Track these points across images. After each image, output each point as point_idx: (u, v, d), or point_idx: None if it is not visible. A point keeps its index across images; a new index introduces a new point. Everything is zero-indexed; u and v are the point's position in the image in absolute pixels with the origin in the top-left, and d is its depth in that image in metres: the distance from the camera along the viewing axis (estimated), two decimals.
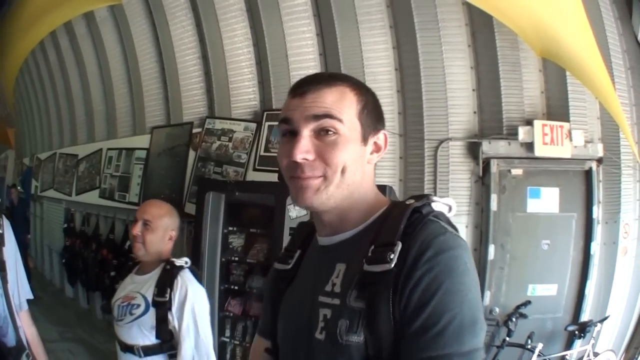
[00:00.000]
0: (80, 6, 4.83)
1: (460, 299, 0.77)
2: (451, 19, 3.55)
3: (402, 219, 0.84)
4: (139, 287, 2.01)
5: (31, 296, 2.07)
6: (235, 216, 3.79)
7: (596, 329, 3.52)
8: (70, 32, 6.11)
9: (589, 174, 3.61)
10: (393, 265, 0.80)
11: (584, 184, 3.63)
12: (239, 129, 4.18)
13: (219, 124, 4.31)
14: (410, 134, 3.64)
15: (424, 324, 0.77)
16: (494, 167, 3.50)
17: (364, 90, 0.95)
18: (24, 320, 1.99)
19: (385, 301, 0.80)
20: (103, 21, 5.52)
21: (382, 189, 0.99)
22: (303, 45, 3.95)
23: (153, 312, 1.93)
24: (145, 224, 2.02)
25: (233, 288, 3.73)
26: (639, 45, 3.80)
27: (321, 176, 0.88)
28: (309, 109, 0.88)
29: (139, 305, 1.96)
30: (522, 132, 3.43)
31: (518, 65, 3.54)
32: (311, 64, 3.92)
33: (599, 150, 3.63)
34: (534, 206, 3.58)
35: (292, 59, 3.96)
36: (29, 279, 2.12)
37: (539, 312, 3.53)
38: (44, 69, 7.29)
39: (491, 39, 3.51)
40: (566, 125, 3.50)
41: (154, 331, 1.93)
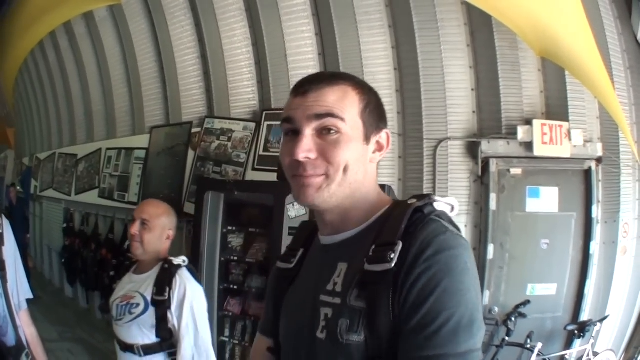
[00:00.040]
0: (79, 6, 4.83)
1: (458, 298, 0.77)
2: (450, 18, 3.55)
3: (404, 218, 0.84)
4: (138, 287, 2.01)
5: (31, 295, 2.07)
6: (234, 216, 3.79)
7: (596, 328, 3.51)
8: (70, 32, 6.11)
9: (588, 173, 3.61)
10: (393, 264, 0.80)
11: (584, 183, 3.63)
12: (238, 128, 4.18)
13: (218, 124, 4.31)
14: (410, 133, 3.63)
15: (420, 322, 0.77)
16: (493, 166, 3.49)
17: (366, 89, 0.95)
18: (23, 319, 2.00)
19: (386, 301, 0.80)
20: (102, 21, 5.52)
21: (381, 188, 0.99)
22: (302, 45, 3.95)
23: (152, 311, 1.94)
24: (143, 223, 2.03)
25: (232, 287, 3.74)
26: (639, 45, 3.79)
27: (323, 174, 0.87)
28: (311, 108, 0.88)
29: (138, 305, 1.96)
30: (522, 132, 3.43)
31: (517, 65, 3.53)
32: (310, 63, 3.92)
33: (598, 150, 3.62)
34: (533, 206, 3.57)
35: (291, 59, 3.96)
36: (29, 278, 2.13)
37: (539, 312, 3.52)
38: (43, 69, 7.29)
39: (490, 39, 3.51)
40: (565, 124, 3.49)
41: (153, 330, 1.94)
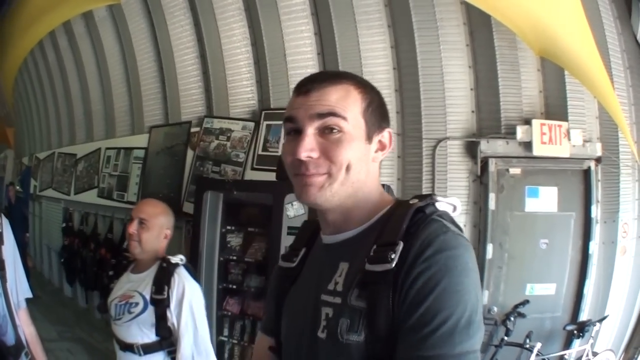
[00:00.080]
0: (79, 6, 4.83)
1: (457, 299, 0.76)
2: (449, 18, 3.55)
3: (405, 218, 0.84)
4: (136, 286, 2.02)
5: (30, 295, 2.07)
6: (233, 215, 3.79)
7: (595, 328, 3.51)
8: (69, 31, 6.10)
9: (587, 173, 3.61)
10: (394, 265, 0.80)
11: (583, 183, 3.63)
12: (237, 128, 4.17)
13: (217, 123, 4.30)
14: (409, 133, 3.63)
15: (417, 321, 0.76)
16: (492, 166, 3.49)
17: (368, 88, 0.94)
18: (23, 319, 2.00)
19: (386, 301, 0.79)
20: (102, 21, 5.52)
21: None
22: (301, 45, 3.95)
23: (152, 310, 1.94)
24: (141, 222, 2.04)
25: (231, 287, 3.74)
26: (638, 45, 3.79)
27: (325, 173, 0.87)
28: (313, 107, 0.88)
29: (137, 304, 1.96)
30: (521, 132, 3.43)
31: (516, 65, 3.54)
32: (309, 63, 3.92)
33: (597, 150, 3.62)
34: (532, 205, 3.57)
35: (290, 59, 3.96)
36: (28, 278, 2.13)
37: (538, 312, 3.52)
38: (42, 69, 7.28)
39: (489, 38, 3.51)
40: (564, 124, 3.50)
41: (153, 329, 1.94)
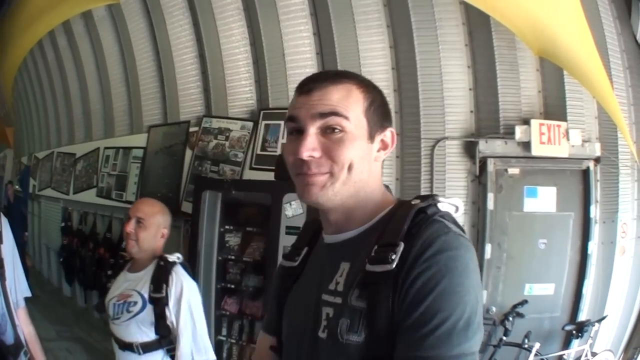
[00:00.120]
0: (78, 5, 4.83)
1: (456, 300, 0.76)
2: (448, 18, 3.55)
3: (406, 219, 0.84)
4: (134, 285, 2.02)
5: (29, 294, 2.07)
6: (231, 215, 3.79)
7: (594, 328, 3.51)
8: (69, 31, 6.10)
9: (586, 173, 3.60)
10: (394, 265, 0.79)
11: (582, 183, 3.62)
12: (235, 127, 4.17)
13: (216, 123, 4.30)
14: (407, 132, 3.63)
15: (416, 321, 0.76)
16: (490, 166, 3.49)
17: (370, 87, 0.94)
18: (21, 318, 1.99)
19: (386, 301, 0.79)
20: (101, 20, 5.52)
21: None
22: (300, 45, 3.95)
23: (150, 309, 1.95)
24: (139, 221, 2.05)
25: (229, 287, 3.73)
26: (638, 45, 3.79)
27: (327, 173, 0.87)
28: (314, 106, 0.88)
29: (135, 303, 1.97)
30: (519, 132, 3.43)
31: (515, 65, 3.53)
32: (308, 63, 3.92)
33: (596, 150, 3.62)
34: (530, 205, 3.57)
35: (289, 58, 3.96)
36: (27, 277, 2.12)
37: (536, 312, 3.52)
38: (42, 68, 7.28)
39: (488, 38, 3.50)
40: (563, 124, 3.49)
41: (152, 327, 1.95)
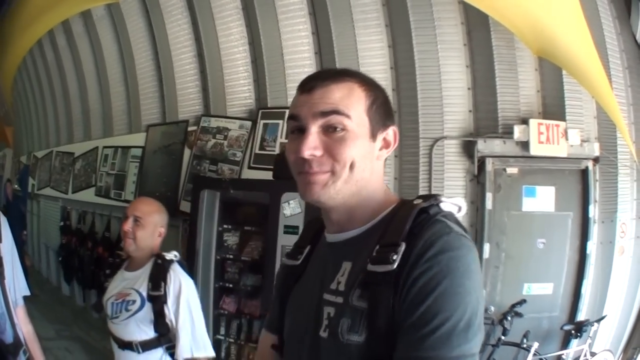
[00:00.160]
0: (77, 5, 4.83)
1: (457, 301, 0.75)
2: (447, 17, 3.55)
3: (408, 219, 0.83)
4: (132, 283, 2.03)
5: (28, 293, 2.07)
6: (230, 214, 3.79)
7: (593, 328, 3.50)
8: (68, 30, 6.10)
9: (585, 173, 3.60)
10: (395, 266, 0.79)
11: (580, 183, 3.62)
12: (234, 127, 4.17)
13: (215, 122, 4.31)
14: (406, 132, 3.62)
15: (416, 321, 0.76)
16: (489, 165, 3.48)
17: (372, 86, 0.93)
18: (20, 317, 1.99)
19: (386, 302, 0.79)
20: (100, 20, 5.52)
21: None
22: (298, 44, 3.95)
23: (149, 307, 1.95)
24: (136, 220, 2.05)
25: (228, 286, 3.73)
26: (637, 45, 3.79)
27: (329, 171, 0.87)
28: (316, 105, 0.87)
29: (134, 301, 1.97)
30: (518, 131, 3.43)
31: (514, 64, 3.53)
32: (306, 62, 3.92)
33: (595, 150, 3.61)
34: (529, 205, 3.57)
35: (288, 58, 3.96)
36: (27, 276, 2.11)
37: (535, 311, 3.52)
38: (41, 67, 7.28)
39: (487, 38, 3.50)
40: (562, 124, 3.49)
41: (151, 325, 1.95)
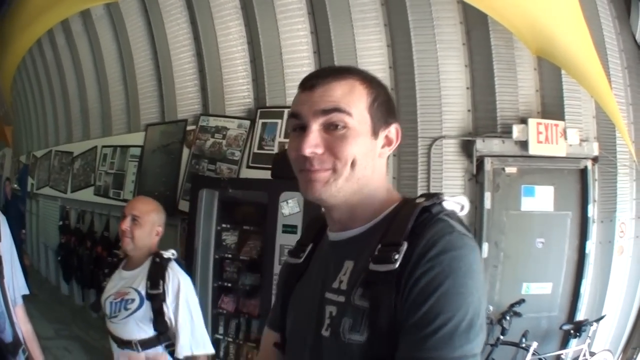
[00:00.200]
0: (77, 4, 4.83)
1: (459, 301, 0.75)
2: (446, 17, 3.54)
3: (410, 218, 0.83)
4: (131, 282, 2.03)
5: (27, 291, 2.07)
6: (228, 213, 3.79)
7: (592, 328, 3.50)
8: (67, 29, 6.10)
9: (584, 172, 3.60)
10: (397, 265, 0.79)
11: (579, 182, 3.62)
12: (232, 126, 4.17)
13: (213, 122, 4.31)
14: (404, 131, 3.54)
15: (418, 322, 0.75)
16: (488, 165, 3.48)
17: (374, 83, 0.93)
18: (19, 316, 1.99)
19: (388, 301, 0.79)
20: (99, 19, 5.52)
21: None
22: (297, 43, 3.94)
23: (148, 305, 1.96)
24: (134, 219, 2.06)
25: (226, 285, 3.73)
26: (637, 44, 3.78)
27: (330, 169, 0.86)
28: (317, 103, 0.87)
29: (133, 300, 1.98)
30: (517, 131, 3.43)
31: (513, 64, 3.52)
32: (305, 61, 3.92)
33: (594, 149, 3.61)
34: (528, 204, 3.56)
35: (287, 57, 3.96)
36: (26, 276, 2.11)
37: (534, 311, 3.52)
38: (40, 67, 7.28)
39: (486, 38, 3.50)
40: (561, 123, 3.49)
41: (151, 324, 1.96)
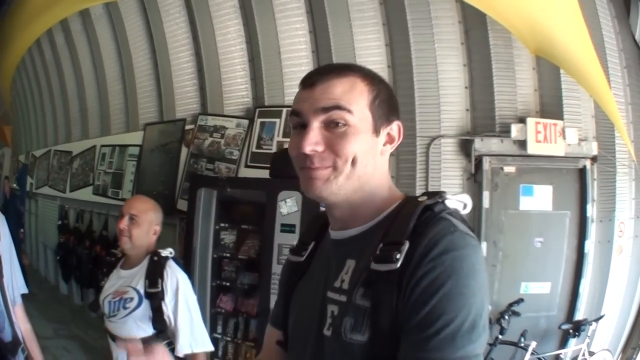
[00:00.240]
0: (76, 4, 4.82)
1: (461, 302, 0.75)
2: (444, 16, 3.54)
3: (412, 217, 0.82)
4: (129, 281, 2.03)
5: (26, 290, 2.07)
6: (227, 212, 3.78)
7: (591, 328, 3.49)
8: (66, 29, 6.10)
9: (582, 172, 3.60)
10: (399, 265, 0.78)
11: (578, 182, 3.62)
12: (231, 125, 4.17)
13: (212, 121, 4.31)
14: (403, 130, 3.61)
15: (420, 322, 0.75)
16: (486, 164, 3.47)
17: (376, 80, 0.92)
18: (18, 315, 1.99)
19: (389, 301, 0.78)
20: (98, 18, 5.52)
21: None
22: (296, 43, 3.95)
23: (147, 304, 1.96)
24: (132, 218, 2.06)
25: (225, 284, 3.72)
26: (636, 44, 3.78)
27: (330, 167, 0.86)
28: (318, 100, 0.87)
29: (132, 299, 1.98)
30: (515, 130, 3.42)
31: (511, 63, 3.52)
32: (304, 61, 3.92)
33: (593, 149, 3.61)
34: (526, 204, 3.56)
35: (285, 56, 3.96)
36: (25, 275, 2.11)
37: (532, 310, 3.52)
38: (39, 66, 7.28)
39: (484, 37, 3.50)
40: (560, 123, 3.49)
41: (150, 323, 1.96)
